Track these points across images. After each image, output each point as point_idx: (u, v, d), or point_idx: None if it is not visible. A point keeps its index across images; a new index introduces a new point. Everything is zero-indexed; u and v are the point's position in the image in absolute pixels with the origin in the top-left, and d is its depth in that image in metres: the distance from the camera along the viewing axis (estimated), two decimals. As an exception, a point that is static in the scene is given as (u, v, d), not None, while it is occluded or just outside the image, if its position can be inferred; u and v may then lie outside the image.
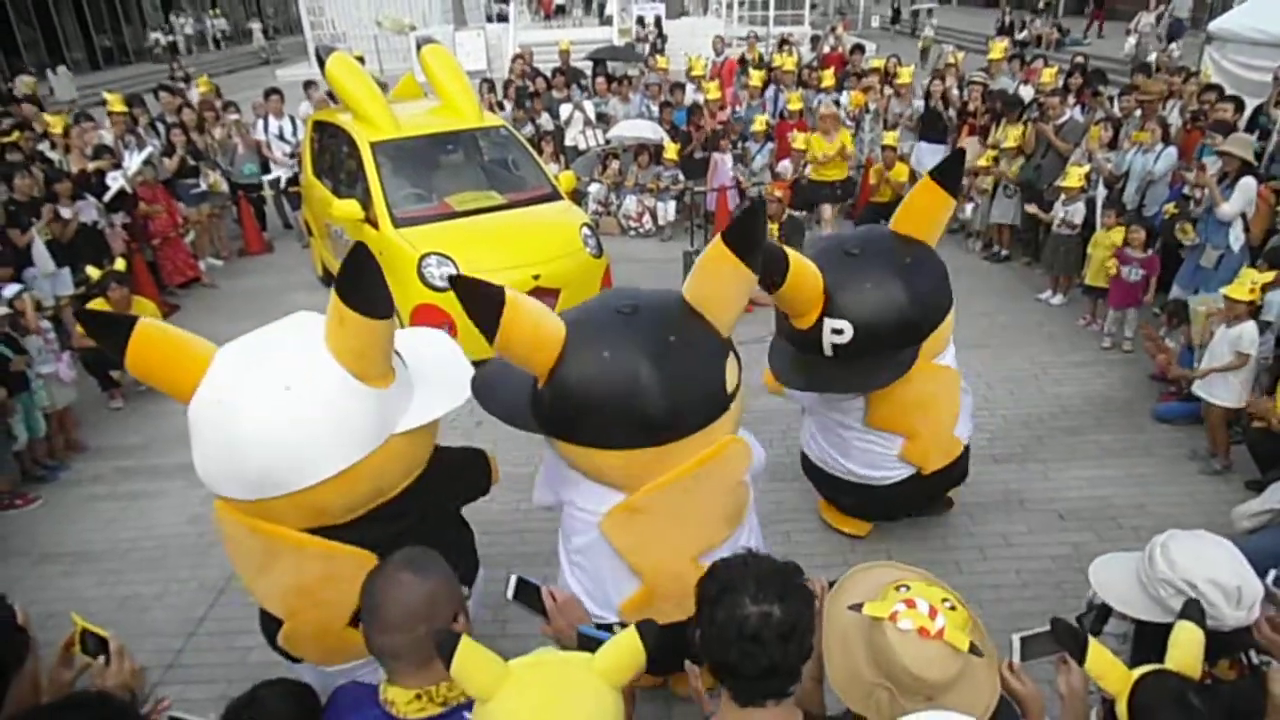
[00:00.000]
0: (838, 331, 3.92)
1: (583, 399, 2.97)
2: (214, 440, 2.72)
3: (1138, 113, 8.09)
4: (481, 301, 2.78)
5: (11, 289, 5.83)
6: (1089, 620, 2.78)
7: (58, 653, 1.97)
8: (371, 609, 1.76)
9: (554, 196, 7.64)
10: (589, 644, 2.04)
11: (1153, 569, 2.30)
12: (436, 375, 3.02)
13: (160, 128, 9.86)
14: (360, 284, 2.57)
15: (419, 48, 8.50)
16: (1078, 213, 7.55)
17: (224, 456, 2.72)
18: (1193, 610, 2.10)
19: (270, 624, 3.11)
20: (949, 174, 4.00)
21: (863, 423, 4.35)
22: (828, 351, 4.00)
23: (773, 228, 8.08)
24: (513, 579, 2.14)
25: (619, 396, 2.94)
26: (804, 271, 3.82)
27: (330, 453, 2.69)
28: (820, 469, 4.74)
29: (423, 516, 3.04)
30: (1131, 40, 18.97)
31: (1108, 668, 1.98)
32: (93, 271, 6.76)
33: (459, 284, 2.81)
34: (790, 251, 3.79)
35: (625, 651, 1.70)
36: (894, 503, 4.62)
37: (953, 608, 1.88)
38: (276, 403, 2.64)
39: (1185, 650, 2.01)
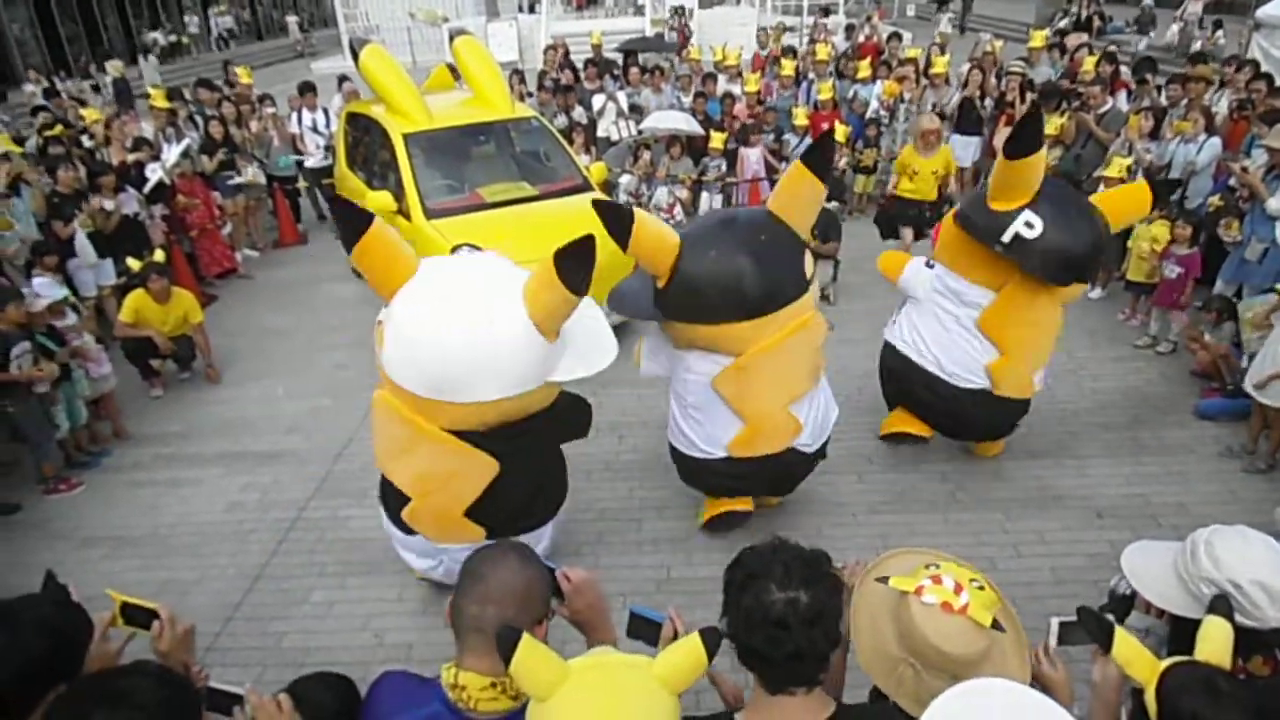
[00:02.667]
0: (1029, 225, 4.34)
1: (697, 288, 3.94)
2: (415, 340, 3.44)
3: (1184, 102, 7.91)
4: (616, 218, 3.74)
5: (47, 288, 5.91)
6: (1116, 613, 2.74)
7: (100, 628, 2.01)
8: (473, 578, 1.75)
9: (585, 188, 7.64)
10: (640, 625, 2.03)
11: (1195, 566, 2.25)
12: (585, 343, 3.71)
13: (199, 120, 10.00)
14: (581, 268, 3.26)
15: (452, 39, 8.53)
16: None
17: (417, 356, 3.45)
18: (1221, 605, 2.08)
19: (393, 502, 3.92)
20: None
21: (975, 321, 4.77)
22: (1006, 237, 4.40)
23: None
24: None
25: (726, 284, 3.91)
26: (1041, 164, 4.42)
27: (501, 383, 3.46)
28: (906, 357, 5.09)
29: (536, 438, 3.79)
30: (1175, 28, 18.56)
31: (1135, 656, 1.97)
32: (133, 263, 6.88)
33: (600, 206, 3.76)
34: (1043, 145, 4.44)
35: (687, 657, 1.67)
36: (957, 412, 5.02)
37: (981, 588, 1.90)
38: (478, 331, 3.36)
39: (1214, 644, 1.99)
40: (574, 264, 3.24)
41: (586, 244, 3.22)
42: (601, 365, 3.68)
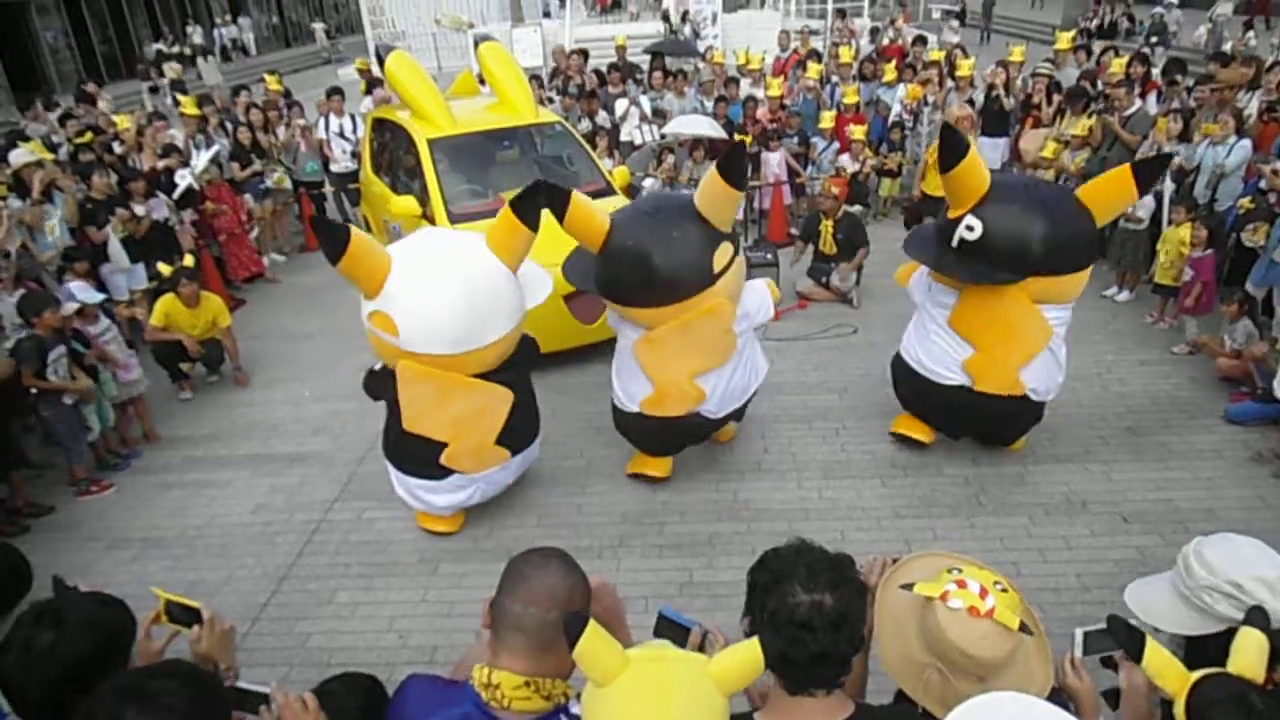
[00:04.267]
0: (970, 229, 4.62)
1: (615, 273, 4.65)
2: (424, 310, 4.26)
3: (1213, 104, 7.80)
4: (555, 196, 4.37)
5: (81, 292, 6.03)
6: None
7: (144, 625, 2.04)
8: (518, 578, 1.78)
9: (608, 192, 7.66)
10: (667, 628, 2.04)
11: (1191, 578, 2.23)
12: (531, 279, 4.72)
13: (229, 127, 10.13)
14: (534, 206, 4.29)
15: (477, 45, 8.59)
16: (1144, 207, 7.33)
17: (434, 323, 4.28)
18: (1257, 617, 2.04)
19: (421, 455, 4.64)
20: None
21: (946, 320, 5.02)
22: (954, 243, 4.72)
23: (828, 224, 8.00)
24: None
25: (637, 276, 4.57)
26: (977, 167, 4.64)
27: (502, 319, 4.45)
28: (903, 360, 5.40)
29: (522, 367, 4.81)
30: (1203, 28, 18.32)
31: (1165, 666, 1.93)
32: (164, 268, 6.98)
33: (540, 187, 4.35)
34: (971, 148, 4.62)
35: (744, 661, 1.67)
36: (944, 407, 5.25)
37: (1004, 590, 1.90)
38: (471, 286, 4.30)
39: (1248, 655, 1.95)
40: (528, 204, 4.28)
41: (535, 188, 4.29)
42: (548, 290, 4.81)
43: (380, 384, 4.69)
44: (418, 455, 4.68)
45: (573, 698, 1.80)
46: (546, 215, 4.43)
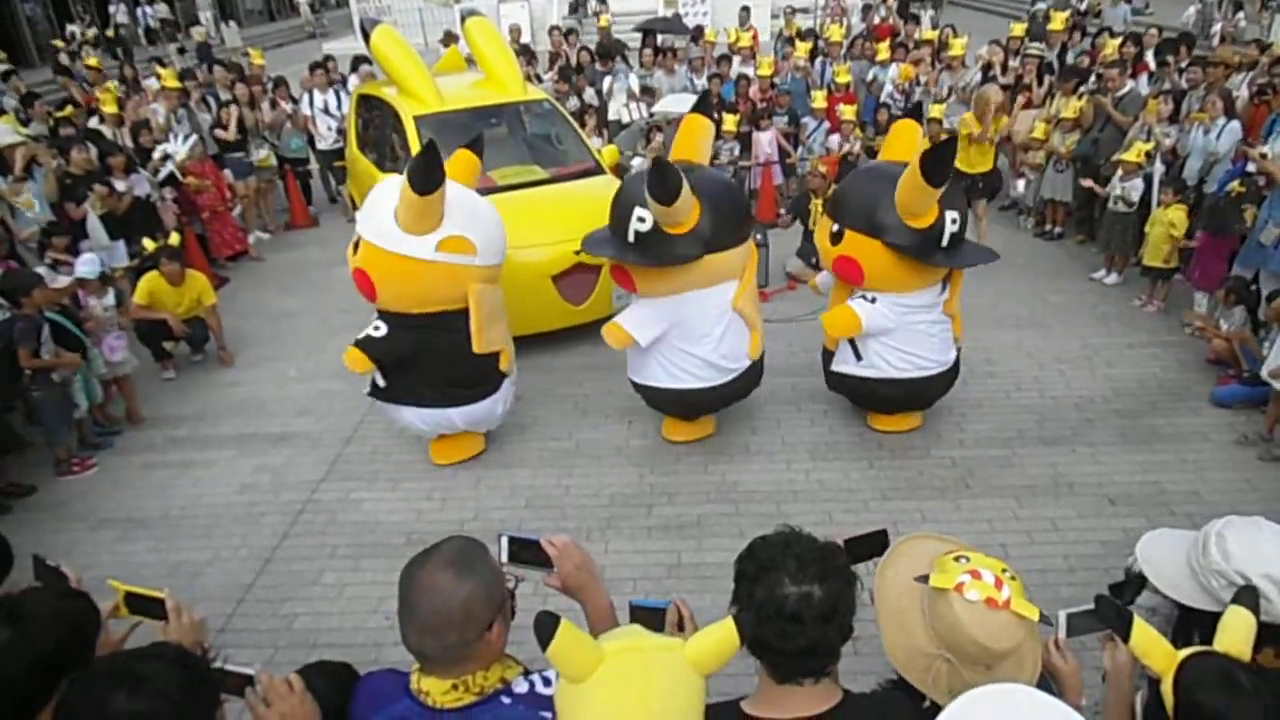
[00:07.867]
0: (954, 221, 4.77)
1: (722, 219, 4.83)
2: (493, 224, 4.98)
3: (1203, 86, 7.78)
4: (669, 177, 4.44)
5: (86, 264, 5.96)
6: (1129, 591, 2.72)
7: (103, 619, 2.00)
8: (406, 606, 1.69)
9: (597, 171, 7.59)
10: (643, 615, 2.02)
11: (1206, 558, 2.23)
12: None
13: (211, 101, 9.98)
14: (436, 173, 4.49)
15: (463, 20, 8.48)
16: (1135, 189, 7.32)
17: (498, 234, 4.98)
18: (1247, 597, 2.05)
19: (487, 368, 5.14)
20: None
21: (941, 310, 5.14)
22: (944, 241, 4.79)
23: (818, 203, 7.95)
24: (503, 539, 1.95)
25: (738, 215, 5.05)
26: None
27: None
28: (903, 380, 5.26)
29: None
30: (1192, 9, 18.25)
31: (1153, 645, 1.93)
32: (148, 244, 6.89)
33: (658, 163, 4.46)
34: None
35: (720, 641, 1.66)
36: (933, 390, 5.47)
37: (1013, 578, 1.89)
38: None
39: (1235, 634, 1.95)
40: (425, 170, 4.41)
41: (429, 149, 4.40)
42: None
43: (395, 340, 4.97)
44: (479, 373, 5.12)
45: (515, 678, 1.78)
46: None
